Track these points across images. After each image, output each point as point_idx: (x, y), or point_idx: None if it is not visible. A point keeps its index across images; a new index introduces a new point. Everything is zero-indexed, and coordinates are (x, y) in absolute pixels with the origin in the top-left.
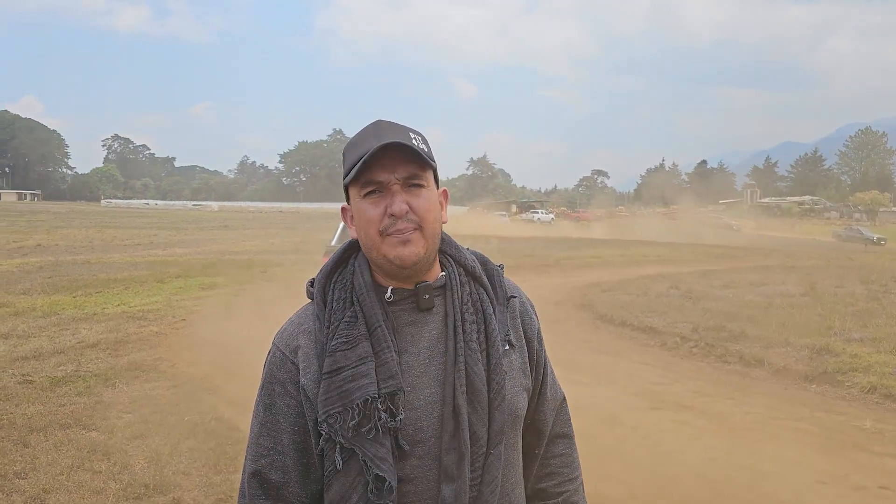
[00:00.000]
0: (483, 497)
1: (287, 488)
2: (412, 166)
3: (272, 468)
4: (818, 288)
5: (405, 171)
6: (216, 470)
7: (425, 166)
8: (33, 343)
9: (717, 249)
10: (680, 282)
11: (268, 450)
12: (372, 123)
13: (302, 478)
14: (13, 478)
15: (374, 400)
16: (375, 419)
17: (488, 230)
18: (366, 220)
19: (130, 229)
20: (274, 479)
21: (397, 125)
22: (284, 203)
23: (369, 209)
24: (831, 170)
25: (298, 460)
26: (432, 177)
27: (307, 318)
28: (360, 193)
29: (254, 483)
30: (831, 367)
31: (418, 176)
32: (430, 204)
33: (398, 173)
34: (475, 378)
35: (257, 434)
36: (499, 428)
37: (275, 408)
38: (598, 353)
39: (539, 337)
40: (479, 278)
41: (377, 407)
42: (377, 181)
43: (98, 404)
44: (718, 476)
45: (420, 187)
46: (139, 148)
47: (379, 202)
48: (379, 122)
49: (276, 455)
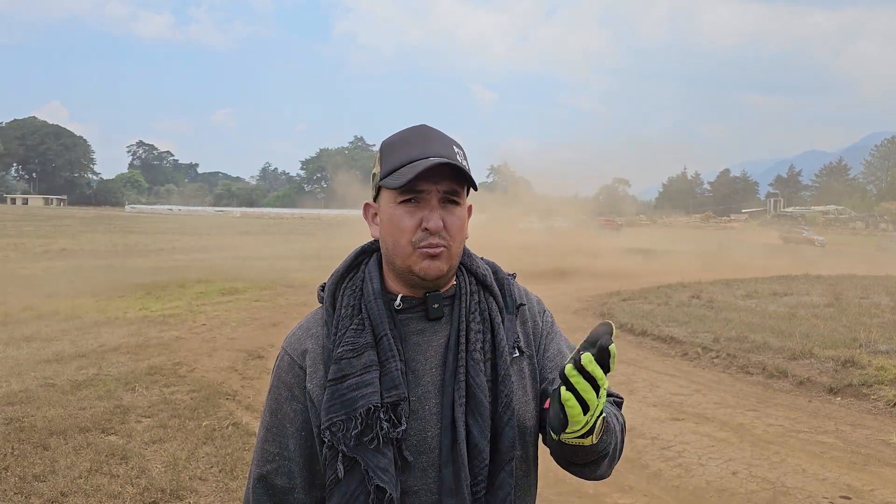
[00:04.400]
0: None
1: (292, 494)
2: (454, 182)
3: (278, 473)
4: (843, 299)
5: (447, 185)
6: (233, 476)
7: (464, 183)
8: (56, 346)
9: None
10: (702, 291)
11: (273, 455)
12: (418, 127)
13: (307, 484)
14: (32, 480)
15: (376, 409)
16: (378, 429)
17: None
18: (398, 228)
19: (153, 234)
20: (279, 485)
21: (444, 136)
22: (305, 210)
23: (405, 217)
24: (856, 179)
25: (304, 466)
26: (466, 193)
27: (316, 322)
28: (397, 199)
29: (259, 488)
30: (856, 379)
31: (457, 192)
32: (462, 223)
33: (441, 186)
34: (476, 389)
35: (263, 439)
36: (509, 444)
37: (281, 412)
38: (619, 362)
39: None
40: (489, 287)
41: (379, 416)
42: (419, 190)
43: (117, 408)
44: (740, 489)
45: (456, 204)
46: (163, 154)
47: (415, 212)
48: (425, 127)
49: (281, 460)
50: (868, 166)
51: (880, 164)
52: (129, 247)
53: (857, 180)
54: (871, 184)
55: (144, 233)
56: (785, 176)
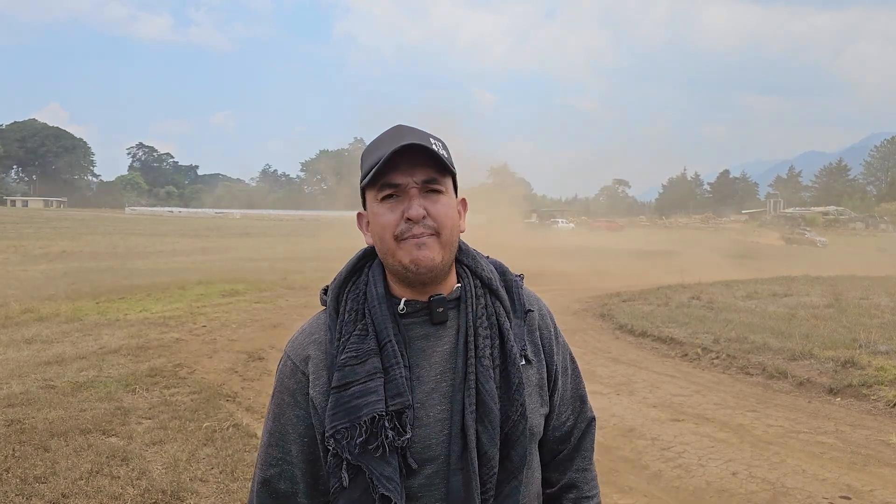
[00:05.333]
0: None
1: (295, 498)
2: (431, 170)
3: (280, 478)
4: (843, 299)
5: (424, 174)
6: (233, 477)
7: (444, 171)
8: (56, 348)
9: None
10: (702, 292)
11: (276, 459)
12: (393, 127)
13: (310, 489)
14: (33, 482)
15: (381, 418)
16: (382, 437)
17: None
18: (381, 225)
19: (153, 236)
20: (282, 489)
21: (417, 130)
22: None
23: (386, 213)
24: (856, 180)
25: (307, 471)
26: (451, 184)
27: (318, 327)
28: (377, 197)
29: (263, 492)
30: (856, 380)
31: (437, 181)
32: (449, 210)
33: (416, 176)
34: (486, 396)
35: (266, 443)
36: (522, 453)
37: (283, 417)
38: (618, 363)
39: (558, 349)
40: (495, 290)
41: (384, 425)
42: (395, 184)
43: (118, 410)
44: (740, 490)
45: (438, 193)
46: (163, 156)
47: (396, 207)
48: (399, 126)
49: (283, 465)
50: (868, 167)
51: (880, 165)
52: (130, 249)
53: (857, 181)
54: (871, 184)
55: (144, 235)
56: (785, 176)
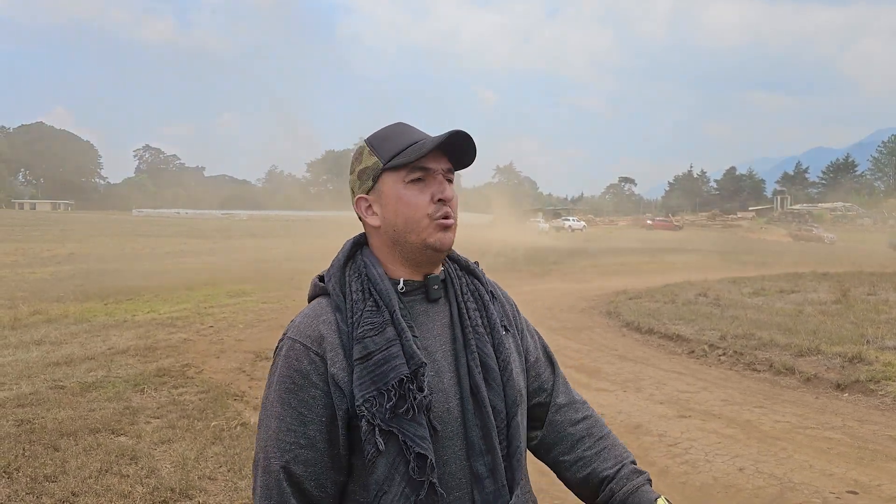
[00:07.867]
0: (512, 467)
1: (311, 481)
2: (449, 162)
3: (296, 462)
4: (850, 295)
5: (447, 164)
6: (241, 475)
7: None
8: (65, 349)
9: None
10: (708, 289)
11: (290, 444)
12: (399, 123)
13: (328, 470)
14: (43, 481)
15: (407, 379)
16: (411, 399)
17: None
18: (413, 205)
19: (160, 238)
20: (299, 473)
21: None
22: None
23: (417, 194)
24: (864, 176)
25: (325, 452)
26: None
27: (323, 310)
28: (405, 179)
29: (274, 483)
30: (864, 375)
31: (452, 171)
32: (457, 200)
33: (442, 165)
34: (487, 358)
35: (277, 429)
36: (513, 399)
37: (296, 400)
38: (625, 360)
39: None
40: (473, 271)
41: (410, 387)
42: (427, 168)
43: (127, 409)
44: (747, 485)
45: (451, 183)
46: (170, 158)
47: (425, 189)
48: (401, 122)
49: (298, 449)
50: (875, 163)
51: (888, 161)
52: (137, 250)
53: (865, 177)
54: (878, 180)
55: (152, 236)
56: (792, 173)
